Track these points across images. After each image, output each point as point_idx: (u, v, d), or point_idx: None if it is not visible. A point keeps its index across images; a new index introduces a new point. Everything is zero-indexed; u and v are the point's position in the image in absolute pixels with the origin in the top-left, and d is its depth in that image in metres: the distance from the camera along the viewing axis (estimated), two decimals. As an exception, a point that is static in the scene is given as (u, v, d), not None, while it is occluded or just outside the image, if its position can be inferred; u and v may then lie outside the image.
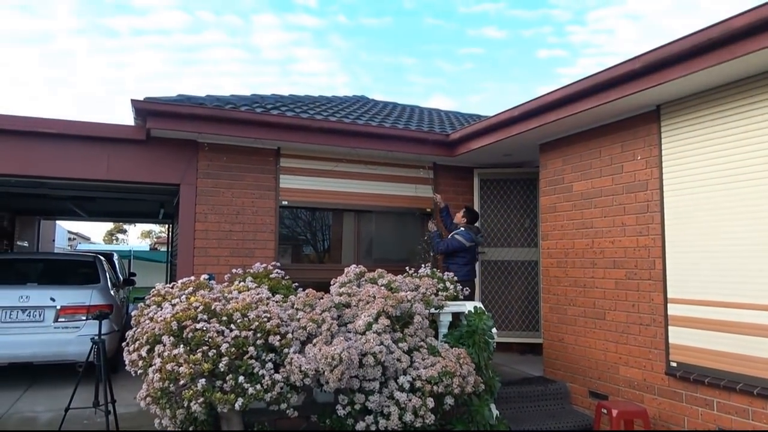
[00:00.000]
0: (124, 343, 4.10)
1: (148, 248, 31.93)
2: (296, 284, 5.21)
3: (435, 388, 4.10)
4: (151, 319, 3.92)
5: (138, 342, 3.91)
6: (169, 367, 3.54)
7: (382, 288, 4.47)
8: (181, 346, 3.65)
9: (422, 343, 4.41)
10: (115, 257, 12.55)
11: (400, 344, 4.18)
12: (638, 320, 5.04)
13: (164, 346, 3.67)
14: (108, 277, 7.65)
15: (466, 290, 5.47)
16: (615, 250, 5.33)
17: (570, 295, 5.86)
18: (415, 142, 6.90)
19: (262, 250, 6.62)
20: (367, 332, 4.06)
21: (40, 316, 6.47)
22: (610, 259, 5.39)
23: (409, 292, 4.47)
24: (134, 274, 13.64)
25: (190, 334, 3.67)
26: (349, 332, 4.16)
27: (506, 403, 5.46)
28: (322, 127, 6.41)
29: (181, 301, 3.96)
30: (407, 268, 5.68)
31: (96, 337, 4.38)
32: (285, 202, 6.81)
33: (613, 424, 4.44)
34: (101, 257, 8.35)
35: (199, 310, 3.82)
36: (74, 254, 11.09)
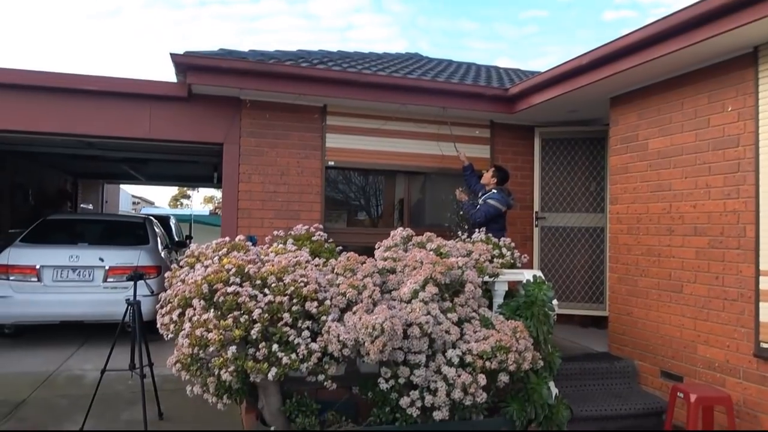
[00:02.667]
0: (157, 305, 3.90)
1: (207, 213, 32.68)
2: (340, 248, 4.89)
3: (487, 363, 3.70)
4: (183, 281, 3.69)
5: (170, 305, 3.69)
6: (198, 332, 3.30)
7: (431, 253, 4.07)
8: (212, 310, 3.40)
9: (474, 314, 4.01)
10: (172, 220, 12.70)
11: (449, 315, 3.79)
12: (722, 294, 4.44)
13: (194, 310, 3.43)
14: (158, 238, 7.61)
15: (525, 257, 5.01)
16: (697, 215, 4.70)
17: (642, 265, 5.28)
18: (470, 98, 6.37)
19: (308, 212, 6.34)
20: (412, 301, 3.69)
21: (89, 276, 6.47)
22: (690, 226, 4.77)
23: (460, 258, 4.06)
24: (190, 237, 13.85)
25: (221, 299, 3.41)
26: (393, 300, 3.80)
27: (567, 381, 5.01)
28: (370, 82, 5.98)
29: (213, 263, 3.70)
30: (459, 233, 5.26)
31: (131, 299, 4.21)
32: (331, 163, 6.47)
33: (691, 411, 3.93)
34: (153, 219, 8.34)
35: (231, 272, 3.55)
36: (125, 216, 11.26)
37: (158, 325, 3.71)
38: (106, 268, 6.49)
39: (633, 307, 5.37)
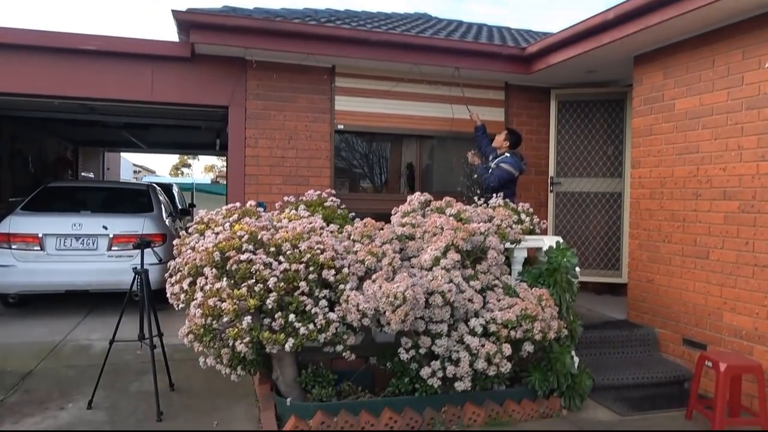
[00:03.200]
0: (166, 274, 3.74)
1: (209, 181, 32.46)
2: (353, 215, 4.71)
3: (512, 333, 3.56)
4: (193, 248, 3.51)
5: (180, 273, 3.53)
6: (211, 302, 3.14)
7: (451, 219, 3.89)
8: (225, 279, 3.23)
9: (497, 281, 3.84)
10: (175, 188, 12.48)
11: (472, 282, 3.62)
12: (752, 261, 4.26)
13: (206, 278, 3.26)
14: (162, 206, 7.42)
15: (544, 223, 4.83)
16: (727, 178, 4.49)
17: (665, 231, 5.09)
18: (485, 57, 6.09)
19: (317, 178, 6.14)
20: (434, 268, 3.52)
21: (93, 244, 6.31)
22: (719, 189, 4.56)
23: (482, 224, 3.87)
24: (193, 205, 13.66)
25: (234, 266, 3.24)
26: (413, 268, 3.63)
27: (586, 349, 4.88)
28: (382, 40, 5.69)
29: (224, 230, 3.52)
30: (476, 198, 5.06)
31: (138, 267, 4.04)
32: (341, 126, 6.23)
33: (720, 380, 3.79)
34: (156, 186, 8.14)
35: (244, 239, 3.37)
36: (128, 183, 11.06)
37: (168, 295, 3.55)
38: (110, 236, 6.31)
39: (654, 273, 5.20)
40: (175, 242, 3.79)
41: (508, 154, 5.67)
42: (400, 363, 3.76)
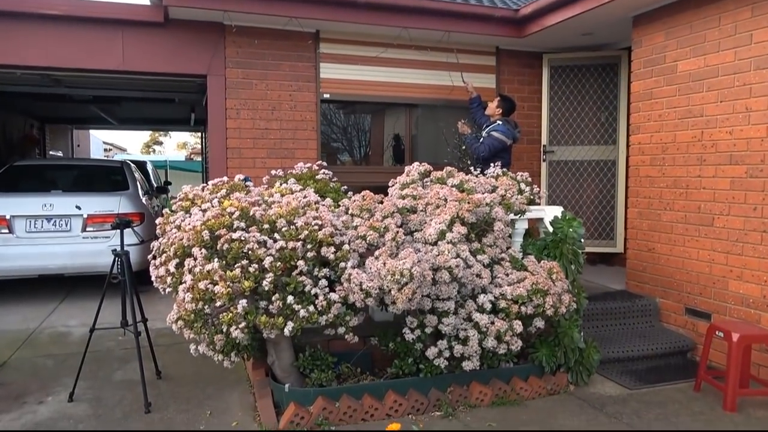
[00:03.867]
0: (149, 256, 3.45)
1: (183, 159, 31.63)
2: (345, 188, 4.46)
3: (522, 308, 3.37)
4: (179, 227, 3.23)
5: (165, 255, 3.24)
6: (202, 285, 2.88)
7: (454, 189, 3.66)
8: (216, 260, 2.96)
9: (503, 255, 3.64)
10: (149, 166, 12.00)
11: (479, 257, 3.41)
12: (761, 227, 4.14)
13: (195, 260, 2.99)
14: (138, 184, 7.06)
15: (543, 192, 4.64)
16: (733, 142, 4.33)
17: (666, 198, 4.94)
18: (477, 20, 5.80)
19: (303, 150, 5.84)
20: (439, 242, 3.29)
21: (66, 225, 5.94)
22: (725, 154, 4.41)
23: (487, 195, 3.65)
24: (169, 183, 13.23)
25: (226, 246, 2.97)
26: (417, 242, 3.40)
27: (587, 321, 4.75)
28: (368, 2, 5.35)
29: (212, 206, 3.24)
30: (472, 169, 4.83)
31: (118, 249, 3.73)
32: (327, 95, 5.92)
33: (733, 351, 3.67)
34: (130, 163, 7.74)
35: (234, 216, 3.10)
36: (101, 160, 10.55)
37: (153, 278, 3.28)
38: (84, 216, 5.95)
39: (655, 242, 5.07)
40: (158, 221, 3.49)
41: (500, 122, 5.43)
42: (404, 343, 3.56)
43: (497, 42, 6.34)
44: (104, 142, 27.06)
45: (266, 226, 3.11)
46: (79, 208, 5.89)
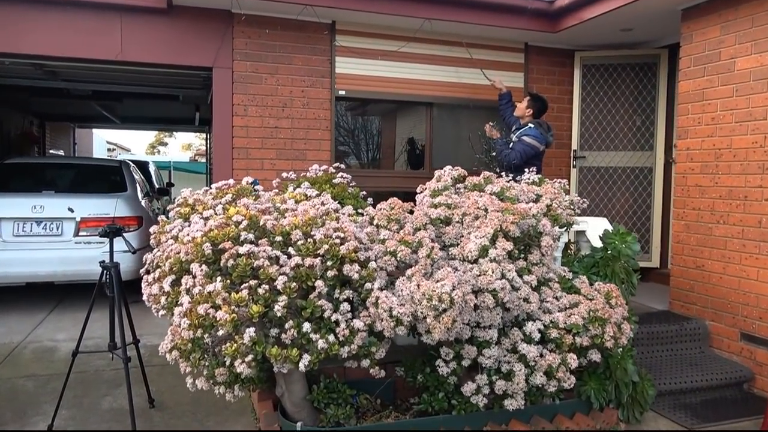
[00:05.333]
0: (142, 270, 2.98)
1: (188, 160, 31.23)
2: (363, 193, 3.99)
3: (577, 339, 2.88)
4: (176, 238, 2.75)
5: (159, 270, 2.77)
6: (201, 309, 2.39)
7: (494, 198, 3.17)
8: (219, 278, 2.48)
9: (551, 274, 3.15)
10: (151, 166, 11.57)
11: (526, 277, 2.92)
12: (838, 245, 3.64)
13: (194, 278, 2.50)
14: (138, 185, 6.59)
15: (585, 202, 4.14)
16: (804, 148, 3.84)
17: (719, 210, 4.44)
18: (508, 12, 5.31)
19: (316, 151, 5.36)
20: (480, 260, 2.80)
21: (57, 229, 5.47)
22: (793, 162, 3.91)
23: (533, 205, 3.16)
24: (172, 184, 12.81)
25: (231, 262, 2.49)
26: (453, 260, 2.91)
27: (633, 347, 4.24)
28: (390, -10, 4.89)
29: (216, 214, 2.76)
30: (503, 174, 4.34)
31: (107, 261, 3.25)
32: (342, 92, 5.44)
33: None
34: (129, 163, 7.28)
35: (242, 226, 2.61)
36: (98, 159, 10.06)
37: (144, 297, 2.79)
38: (78, 219, 5.48)
39: (705, 259, 4.57)
40: (152, 230, 3.01)
41: (531, 125, 4.94)
42: (434, 375, 3.07)
43: (527, 37, 5.86)
44: (108, 142, 26.67)
45: (278, 238, 2.62)
46: (71, 210, 5.42)
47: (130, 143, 40.79)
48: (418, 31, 5.38)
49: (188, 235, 2.62)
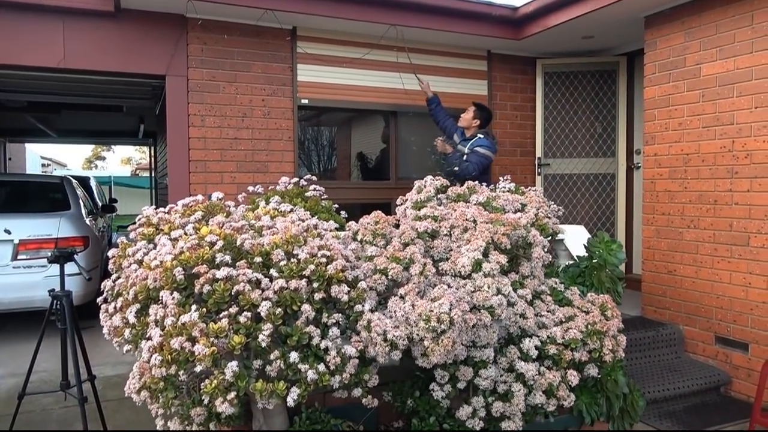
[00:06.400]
0: (100, 299, 2.66)
1: (129, 174, 30.07)
2: (336, 206, 3.79)
3: (575, 354, 2.75)
4: (140, 262, 2.45)
5: (121, 299, 2.46)
6: (176, 343, 2.11)
7: (480, 208, 3.02)
8: (194, 307, 2.21)
9: (543, 287, 3.02)
10: (93, 182, 10.92)
11: (520, 291, 2.78)
12: (809, 247, 3.69)
13: (165, 307, 2.22)
14: (81, 202, 6.13)
15: (560, 209, 4.07)
16: (773, 152, 3.89)
17: (689, 215, 4.47)
18: (472, 19, 5.23)
19: (278, 163, 5.11)
20: (473, 275, 2.64)
21: (-8, 253, 4.97)
22: (762, 165, 3.96)
23: (522, 215, 3.03)
24: (116, 200, 12.21)
25: (207, 288, 2.22)
26: (444, 275, 2.73)
27: (612, 355, 4.18)
28: (354, -5, 4.72)
29: (186, 234, 2.48)
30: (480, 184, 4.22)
31: (56, 290, 2.90)
32: (305, 101, 5.20)
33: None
34: (71, 179, 6.78)
35: (217, 247, 2.35)
36: (38, 176, 9.42)
37: (104, 331, 2.48)
38: (16, 242, 5.00)
39: (677, 263, 4.58)
40: (110, 253, 2.69)
41: (481, 135, 4.86)
42: (425, 399, 2.88)
43: (490, 44, 5.80)
44: (42, 157, 25.26)
45: (258, 259, 2.37)
46: (8, 232, 4.95)
47: (66, 158, 38.98)
48: (383, 38, 5.23)
49: (155, 258, 2.33)
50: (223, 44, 4.85)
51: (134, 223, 2.80)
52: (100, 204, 9.13)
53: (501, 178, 4.07)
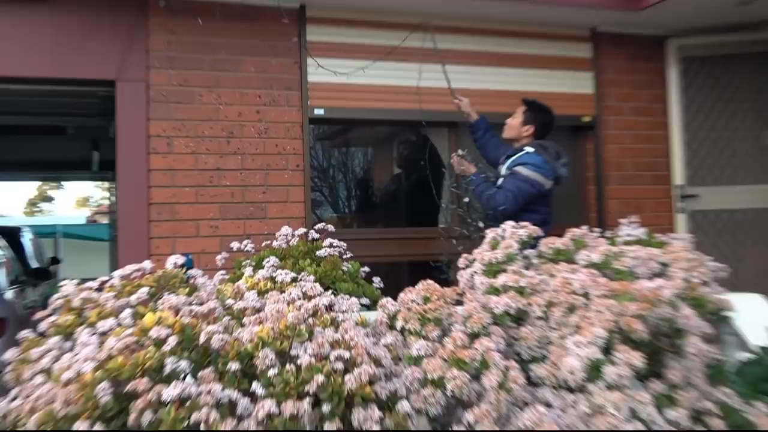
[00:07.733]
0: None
1: (84, 221, 31.10)
2: (365, 269, 3.59)
3: None
4: (49, 373, 2.27)
5: (20, 427, 2.27)
6: None
7: (594, 272, 2.74)
8: (127, 450, 1.97)
9: (706, 402, 2.67)
10: (26, 235, 11.23)
11: (669, 413, 2.44)
12: None
13: (81, 451, 1.99)
14: (2, 267, 6.21)
15: (724, 270, 3.76)
16: None
17: None
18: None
19: (281, 204, 5.12)
20: (588, 385, 2.34)
21: None
22: None
23: (661, 283, 2.73)
24: (57, 260, 12.66)
25: (148, 417, 1.98)
26: (539, 386, 2.45)
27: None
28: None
29: (121, 325, 2.29)
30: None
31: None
32: (319, 111, 5.24)
33: None
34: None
35: (168, 347, 2.13)
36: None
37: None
38: None
39: None
40: (7, 356, 2.51)
41: (530, 149, 4.42)
42: None
43: (595, 19, 5.78)
44: (-34, 201, 26.43)
45: (234, 366, 2.14)
46: None
47: (3, 201, 40.65)
48: (432, 14, 5.19)
49: (70, 367, 2.14)
50: (199, 33, 4.94)
51: (49, 307, 2.62)
52: (33, 267, 9.30)
53: (623, 220, 3.81)
